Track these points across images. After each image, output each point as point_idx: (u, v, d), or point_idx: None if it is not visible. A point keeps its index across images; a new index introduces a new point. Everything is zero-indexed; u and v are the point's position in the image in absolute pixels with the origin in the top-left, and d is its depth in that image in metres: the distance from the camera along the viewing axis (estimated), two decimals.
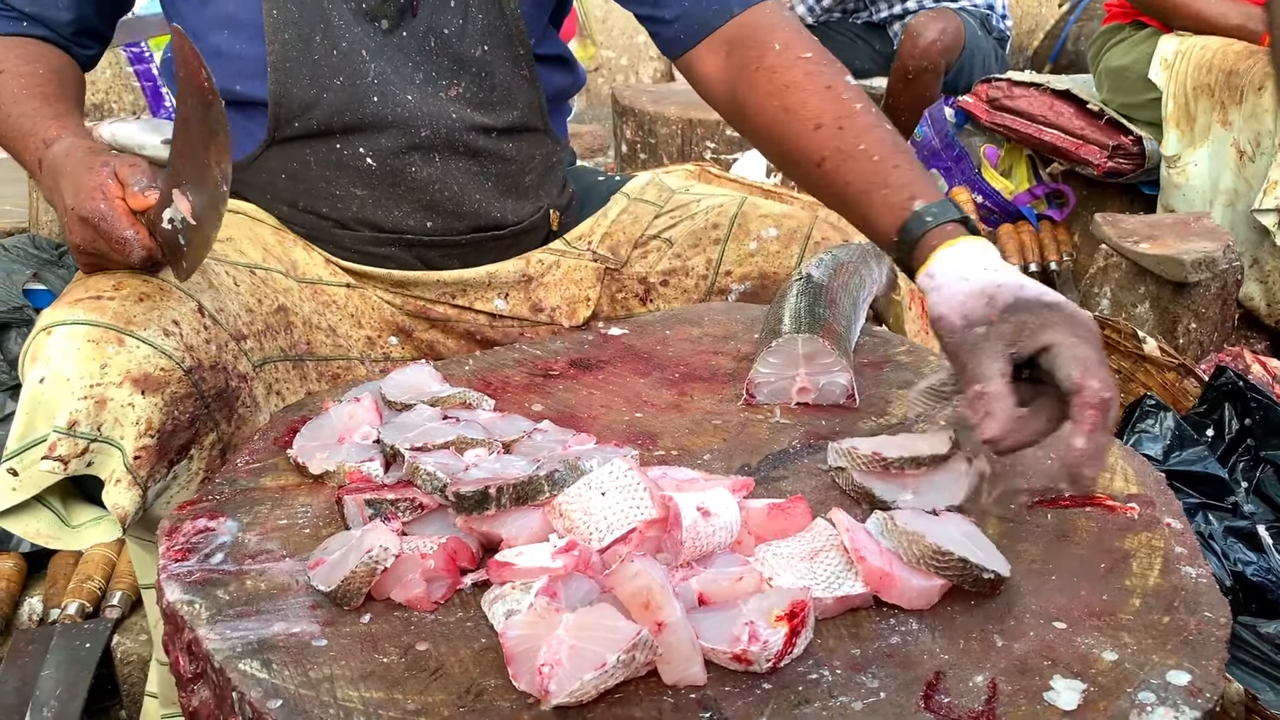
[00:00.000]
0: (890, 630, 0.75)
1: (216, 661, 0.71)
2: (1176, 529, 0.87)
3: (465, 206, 1.27)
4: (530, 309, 1.35)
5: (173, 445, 1.00)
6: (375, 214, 1.25)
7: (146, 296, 1.03)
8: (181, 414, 1.00)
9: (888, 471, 0.90)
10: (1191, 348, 2.24)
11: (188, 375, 1.01)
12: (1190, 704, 0.68)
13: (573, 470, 0.83)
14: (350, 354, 1.24)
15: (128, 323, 0.99)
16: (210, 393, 1.03)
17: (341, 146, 1.22)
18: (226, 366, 1.06)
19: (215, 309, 1.08)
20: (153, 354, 0.99)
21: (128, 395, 0.97)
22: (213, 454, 1.04)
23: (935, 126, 3.08)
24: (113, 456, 0.96)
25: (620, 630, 0.68)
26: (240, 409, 1.07)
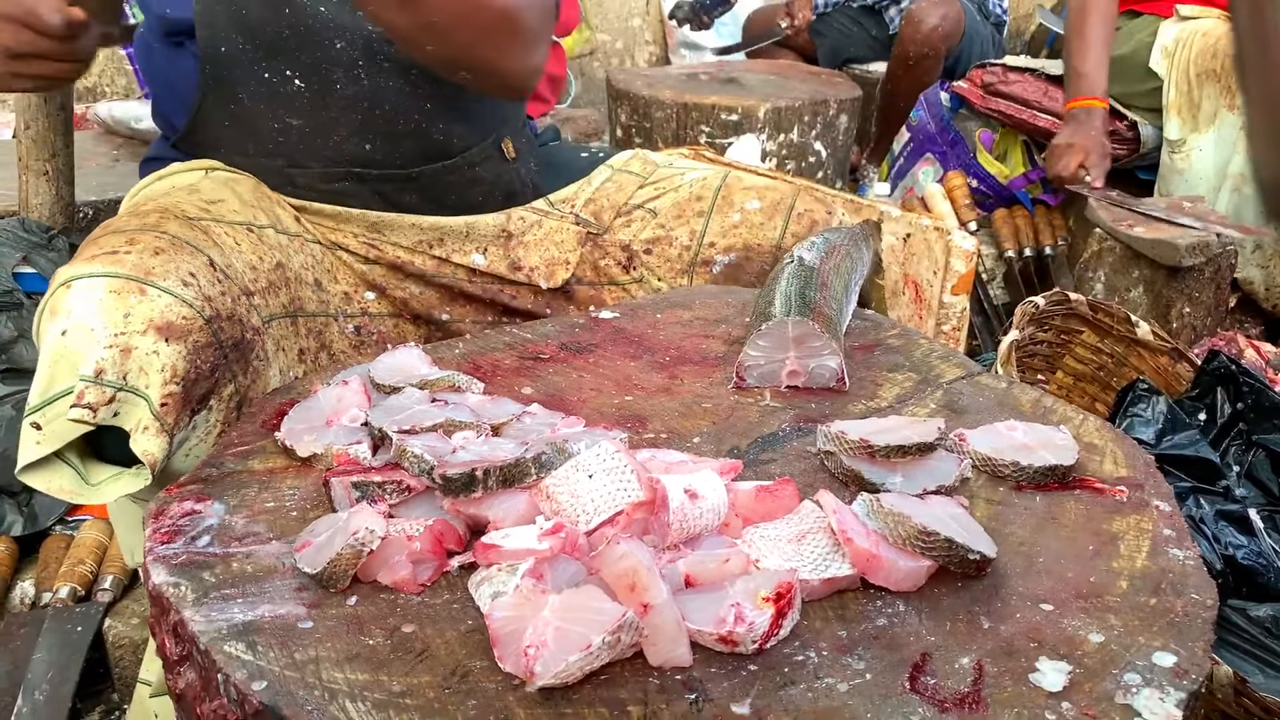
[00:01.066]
0: (877, 612, 0.75)
1: (202, 643, 0.71)
2: (1165, 511, 0.87)
3: (402, 126, 1.26)
4: (509, 267, 1.35)
5: (195, 394, 1.00)
6: (314, 142, 1.24)
7: (161, 250, 1.03)
8: (203, 363, 1.01)
9: (874, 458, 0.90)
10: (1185, 332, 2.24)
11: (208, 324, 1.02)
12: (1176, 685, 0.68)
13: (560, 453, 0.83)
14: (328, 310, 1.24)
15: (147, 273, 1.00)
16: (228, 343, 1.04)
17: (269, 74, 1.22)
18: (241, 319, 1.07)
19: (224, 265, 1.09)
20: (174, 303, 0.99)
21: (152, 343, 0.97)
22: (230, 405, 1.05)
23: (930, 111, 3.07)
24: (138, 406, 0.96)
25: (606, 612, 0.68)
26: (255, 362, 1.08)
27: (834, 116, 3.17)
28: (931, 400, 1.05)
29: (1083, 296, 1.80)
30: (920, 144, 3.08)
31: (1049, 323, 1.81)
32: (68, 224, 2.00)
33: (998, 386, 1.08)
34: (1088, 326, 1.83)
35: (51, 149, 1.95)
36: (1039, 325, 1.79)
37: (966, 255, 2.00)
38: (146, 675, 1.29)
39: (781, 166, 3.09)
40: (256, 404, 1.05)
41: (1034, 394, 1.06)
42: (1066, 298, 1.79)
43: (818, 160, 3.21)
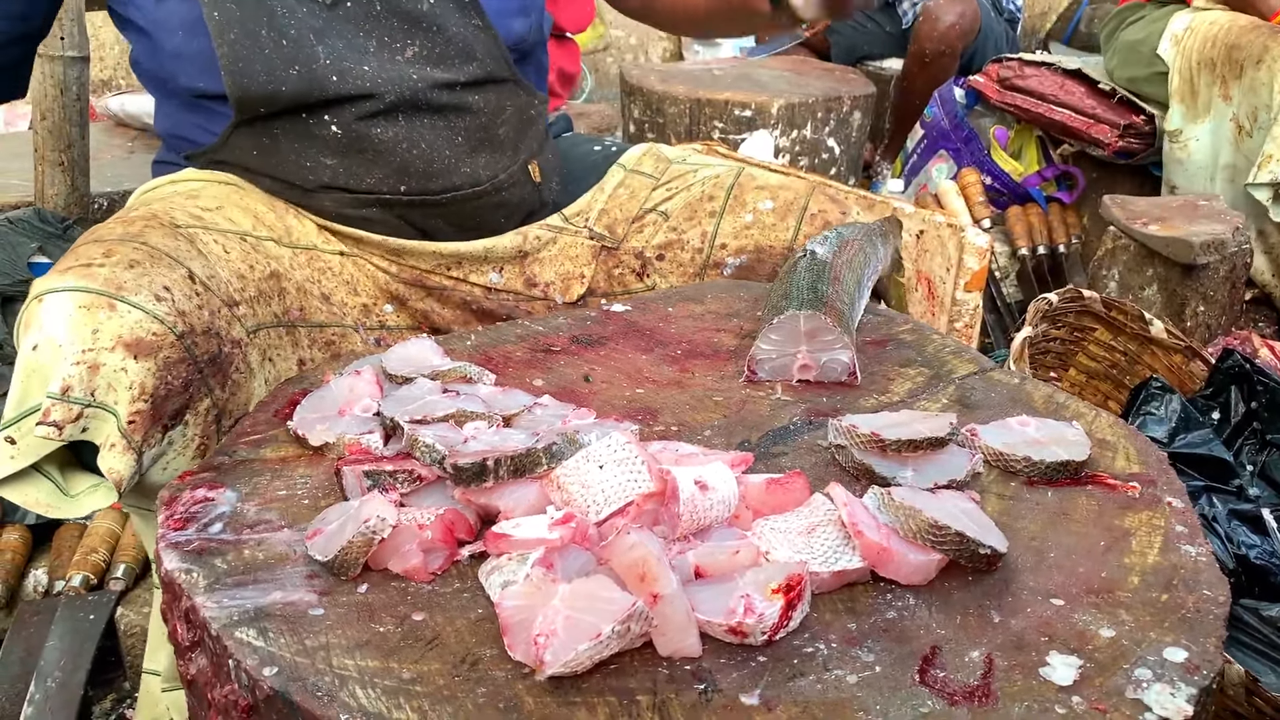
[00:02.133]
0: (887, 605, 0.75)
1: (213, 629, 0.71)
2: (1178, 508, 0.86)
3: (436, 165, 1.27)
4: (524, 284, 1.35)
5: (167, 410, 1.00)
6: (348, 181, 1.24)
7: (137, 264, 1.03)
8: (175, 379, 1.00)
9: (885, 452, 0.90)
10: (1199, 330, 2.23)
11: (180, 340, 1.01)
12: (1187, 681, 0.67)
13: (571, 443, 0.83)
14: (345, 321, 1.24)
15: (119, 288, 0.99)
16: (203, 358, 1.03)
17: (308, 118, 1.22)
18: (219, 332, 1.06)
19: (206, 276, 1.08)
20: (144, 319, 0.99)
21: (120, 360, 0.97)
22: (207, 420, 1.04)
23: (945, 107, 3.06)
24: (107, 422, 0.96)
25: (616, 601, 0.68)
26: (234, 375, 1.07)
27: (847, 113, 3.17)
28: (944, 395, 1.05)
29: (1096, 294, 1.80)
30: (934, 140, 3.08)
31: (1062, 320, 1.81)
32: (83, 214, 2.01)
33: (1010, 382, 1.07)
34: (1101, 324, 1.83)
35: (67, 140, 1.96)
36: (1052, 322, 1.78)
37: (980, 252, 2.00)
38: (151, 665, 1.30)
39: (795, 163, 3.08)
40: (269, 394, 1.05)
41: (1046, 390, 1.06)
42: (1080, 295, 1.78)
43: (831, 157, 3.20)
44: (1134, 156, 2.77)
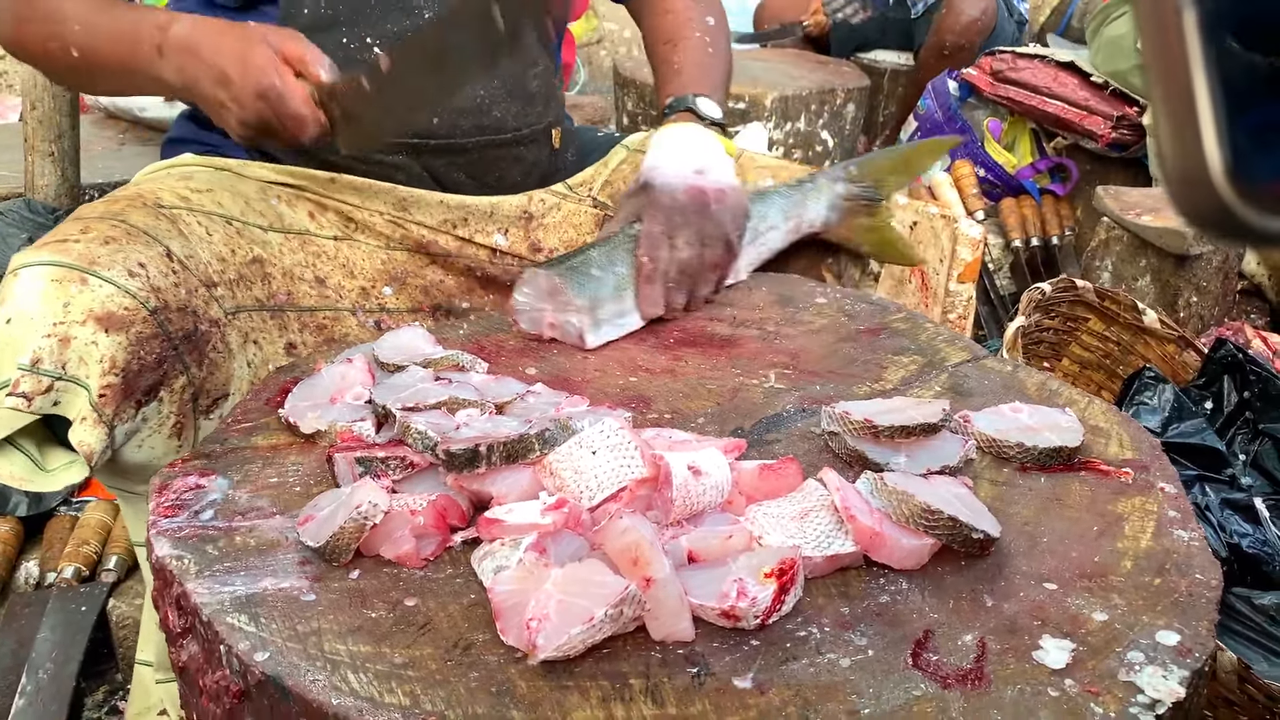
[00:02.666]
0: (880, 589, 0.75)
1: (205, 615, 0.71)
2: (1170, 493, 0.87)
3: (470, 101, 1.28)
4: (529, 248, 1.35)
5: (139, 385, 1.00)
6: None
7: (113, 240, 1.02)
8: (147, 354, 1.00)
9: (878, 439, 0.90)
10: (1192, 321, 2.23)
11: (153, 315, 1.01)
12: (1179, 663, 0.67)
13: (563, 429, 0.83)
14: (340, 305, 1.23)
15: (91, 263, 0.99)
16: (178, 335, 1.03)
17: (348, 39, 1.22)
18: (196, 310, 1.06)
19: (184, 255, 1.08)
20: (116, 293, 0.99)
21: (91, 333, 0.97)
22: (183, 398, 1.04)
23: (938, 99, 3.06)
24: (79, 395, 0.96)
25: (609, 585, 0.68)
26: (211, 354, 1.07)
27: (841, 106, 3.16)
28: (937, 383, 1.05)
29: (1089, 283, 1.80)
30: (928, 132, 3.08)
31: (1055, 309, 1.81)
32: (73, 205, 2.00)
33: (1003, 370, 1.07)
34: (1094, 314, 1.83)
35: (57, 130, 1.95)
36: (1045, 312, 1.78)
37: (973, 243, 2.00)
38: (144, 655, 1.29)
39: (788, 155, 3.08)
40: (261, 381, 1.05)
41: (1039, 377, 1.06)
42: (1073, 284, 1.78)
43: (825, 150, 3.20)
44: (1127, 148, 2.78)
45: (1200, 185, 0.35)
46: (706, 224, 1.18)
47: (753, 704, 0.64)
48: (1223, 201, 0.35)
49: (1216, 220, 0.36)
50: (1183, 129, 0.35)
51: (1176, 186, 0.37)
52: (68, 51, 1.16)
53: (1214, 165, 0.35)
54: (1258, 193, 0.36)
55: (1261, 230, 0.36)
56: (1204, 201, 0.36)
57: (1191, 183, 0.36)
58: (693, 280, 1.17)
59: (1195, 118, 0.35)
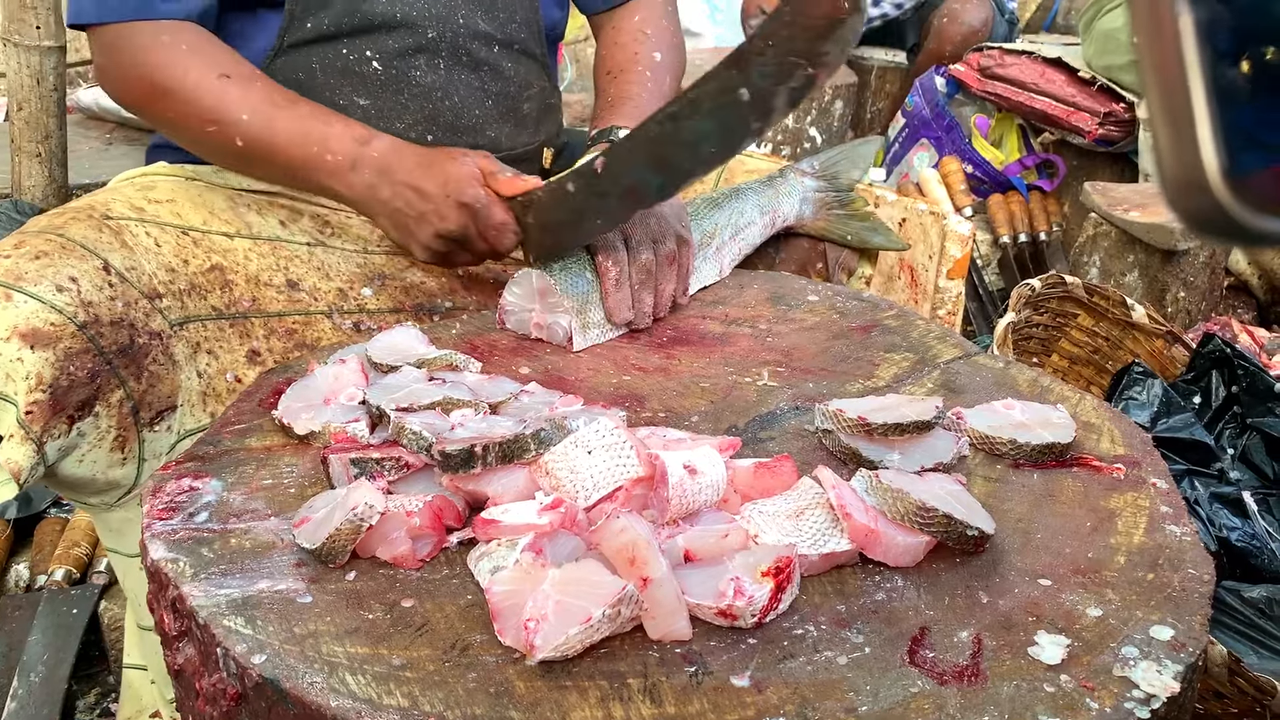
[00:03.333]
0: (875, 587, 0.75)
1: (201, 618, 0.71)
2: (1162, 489, 0.87)
3: (464, 120, 1.29)
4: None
5: (70, 401, 0.99)
6: (377, 125, 1.24)
7: (44, 254, 1.02)
8: (77, 369, 0.99)
9: (872, 436, 0.90)
10: (1180, 316, 2.24)
11: (81, 330, 1.00)
12: (1173, 658, 0.68)
13: (559, 429, 0.83)
14: (313, 308, 1.23)
15: (17, 279, 0.99)
16: (111, 349, 1.02)
17: (348, 51, 1.23)
18: (134, 323, 1.05)
19: (125, 267, 1.07)
20: (41, 309, 0.98)
21: (16, 350, 0.96)
22: (122, 411, 1.04)
23: (926, 96, 3.07)
24: (5, 412, 0.96)
25: (606, 585, 0.68)
26: (151, 366, 1.06)
27: (829, 102, 3.17)
28: (929, 380, 1.05)
29: (1078, 280, 1.81)
30: (916, 129, 3.08)
31: (1045, 306, 1.81)
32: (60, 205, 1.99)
33: (995, 366, 1.08)
34: (1083, 310, 1.84)
35: (45, 131, 1.94)
36: (1035, 308, 1.79)
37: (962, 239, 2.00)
38: (130, 659, 1.29)
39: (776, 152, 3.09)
40: (253, 383, 1.05)
41: (1031, 373, 1.07)
42: (1062, 281, 1.79)
43: (813, 146, 3.21)
44: (1114, 144, 2.79)
45: (1197, 189, 0.36)
46: (651, 221, 1.18)
47: (750, 702, 0.65)
48: (1220, 204, 0.36)
49: (1214, 223, 0.37)
50: (1179, 133, 0.36)
51: (1173, 191, 0.37)
52: (231, 140, 1.15)
53: (1210, 169, 0.35)
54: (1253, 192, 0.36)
55: (1258, 232, 0.37)
56: (1201, 204, 0.36)
57: (1189, 186, 0.36)
58: (656, 279, 1.17)
59: (1192, 122, 0.35)
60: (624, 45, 1.43)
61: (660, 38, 1.44)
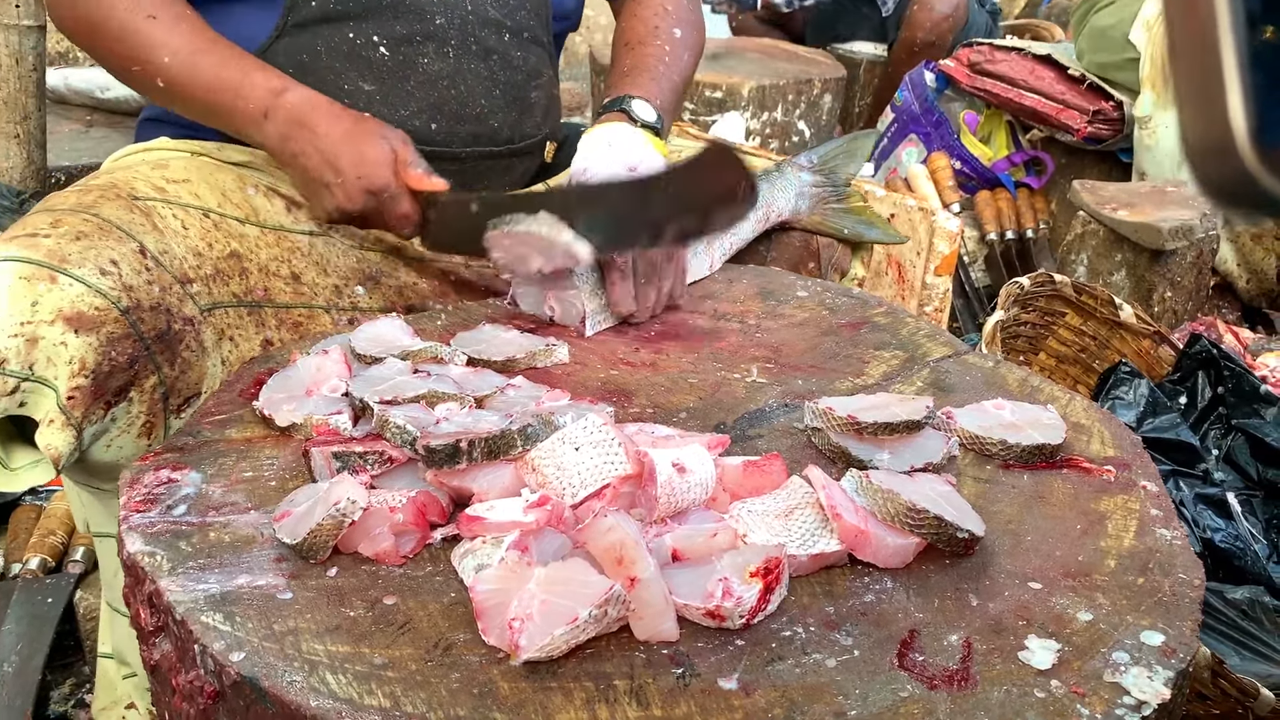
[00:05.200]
0: (865, 588, 0.74)
1: (178, 614, 0.69)
2: (1152, 492, 0.87)
3: (470, 109, 1.27)
4: None
5: (109, 386, 0.97)
6: (382, 111, 1.22)
7: (84, 235, 1.00)
8: (119, 355, 0.98)
9: (861, 435, 0.89)
10: (1166, 316, 2.25)
11: (124, 315, 0.98)
12: (1164, 664, 0.67)
13: (546, 425, 0.82)
14: (314, 302, 1.21)
15: (62, 260, 0.96)
16: (150, 334, 1.00)
17: (355, 35, 1.21)
18: (170, 309, 1.03)
19: (159, 251, 1.05)
20: (86, 292, 0.96)
21: (60, 334, 0.94)
22: (154, 397, 1.02)
23: (915, 91, 3.06)
24: (46, 396, 0.94)
25: (593, 585, 0.67)
26: (184, 353, 1.04)
27: (818, 96, 3.16)
28: (919, 378, 1.04)
29: (1067, 278, 1.80)
30: (904, 125, 3.08)
31: (1033, 304, 1.81)
32: (39, 188, 1.96)
33: (985, 365, 1.07)
34: (1071, 309, 1.83)
35: (23, 112, 1.91)
36: (1023, 306, 1.79)
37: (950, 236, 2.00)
38: (104, 648, 1.27)
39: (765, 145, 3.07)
40: (234, 372, 1.03)
41: (1021, 373, 1.06)
42: (1051, 279, 1.79)
43: (801, 140, 3.19)
44: (1102, 142, 2.79)
45: (1224, 153, 0.35)
46: None
47: (738, 705, 0.64)
48: (1247, 170, 0.35)
49: (1240, 190, 0.36)
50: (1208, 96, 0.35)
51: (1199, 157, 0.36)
52: (153, 79, 1.16)
53: (1239, 132, 0.35)
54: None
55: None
56: (1227, 170, 0.35)
57: (1215, 150, 0.35)
58: (659, 272, 1.16)
59: (1222, 84, 0.34)
60: (644, 19, 1.43)
61: (680, 15, 1.44)
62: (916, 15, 3.39)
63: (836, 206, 1.43)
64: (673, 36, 1.41)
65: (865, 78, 3.69)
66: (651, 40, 1.40)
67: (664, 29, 1.42)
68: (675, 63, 1.39)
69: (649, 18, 1.43)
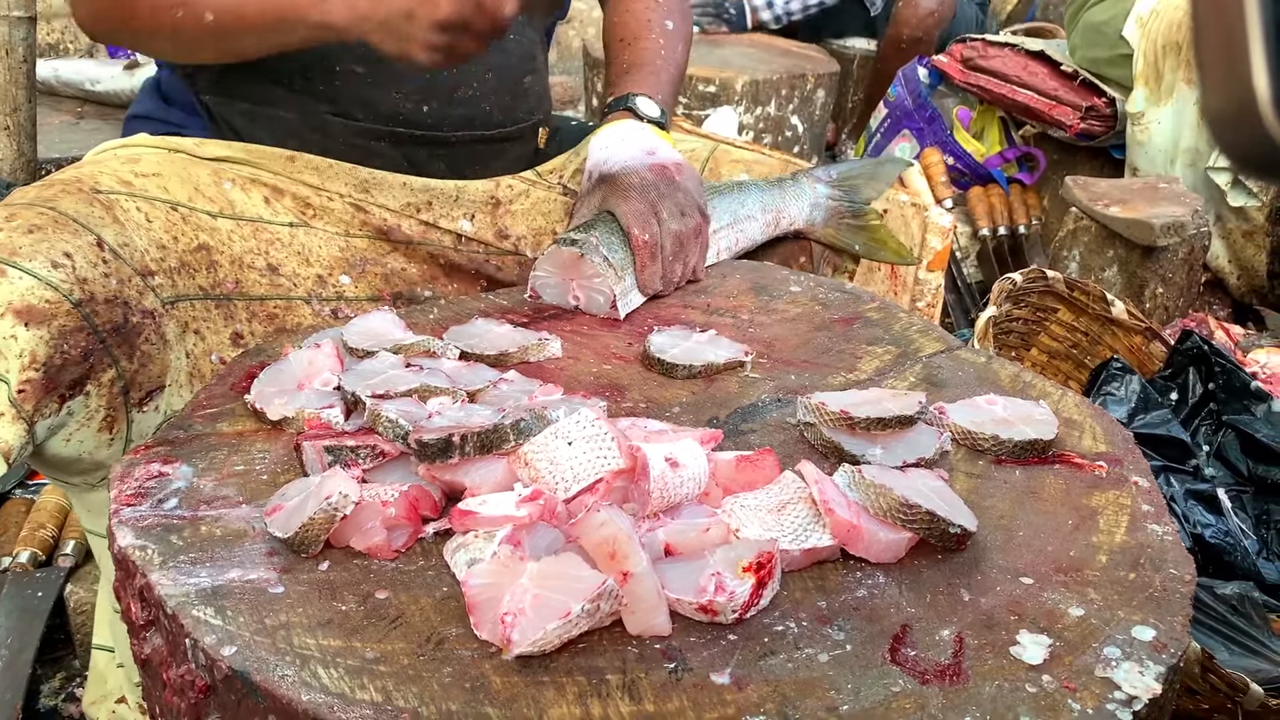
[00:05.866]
0: (857, 583, 0.74)
1: (169, 607, 0.69)
2: (1144, 487, 0.87)
3: (463, 93, 1.26)
4: (495, 234, 1.33)
5: (63, 380, 0.97)
6: (373, 94, 1.21)
7: (38, 228, 0.99)
8: (71, 348, 0.97)
9: (854, 430, 0.89)
10: (1158, 312, 2.25)
11: (77, 308, 0.98)
12: (1155, 659, 0.68)
13: (539, 419, 0.82)
14: (293, 293, 1.20)
15: (12, 253, 0.96)
16: (105, 327, 1.00)
17: None
18: (128, 301, 1.03)
19: (119, 244, 1.05)
20: (36, 285, 0.96)
21: (10, 327, 0.94)
22: (113, 391, 1.01)
23: (908, 86, 3.06)
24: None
25: (585, 579, 0.67)
26: (144, 345, 1.04)
27: (811, 91, 3.16)
28: (911, 374, 1.04)
29: (1059, 274, 1.81)
30: (897, 120, 3.08)
31: (1025, 300, 1.81)
32: (29, 180, 1.95)
33: (977, 361, 1.07)
34: (1063, 305, 1.84)
35: (13, 103, 1.90)
36: (1015, 302, 1.79)
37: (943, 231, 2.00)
38: (99, 640, 1.27)
39: (758, 140, 3.07)
40: (226, 366, 1.03)
41: (1013, 369, 1.06)
42: (1043, 275, 1.79)
43: (794, 135, 3.19)
44: (1095, 139, 2.79)
45: (1247, 118, 0.35)
46: (679, 195, 1.20)
47: (731, 700, 0.64)
48: (1269, 133, 0.35)
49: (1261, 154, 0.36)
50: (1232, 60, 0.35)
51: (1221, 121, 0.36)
52: (200, 16, 1.11)
53: (1263, 96, 0.35)
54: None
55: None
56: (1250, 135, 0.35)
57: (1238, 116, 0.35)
58: (685, 249, 1.18)
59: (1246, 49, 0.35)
60: (636, 14, 1.43)
61: (671, 5, 1.45)
62: (902, 12, 3.40)
63: (852, 223, 1.45)
64: (665, 29, 1.42)
65: (859, 73, 3.69)
66: (646, 34, 1.40)
67: (656, 22, 1.42)
68: (671, 55, 1.40)
69: (640, 11, 1.43)
